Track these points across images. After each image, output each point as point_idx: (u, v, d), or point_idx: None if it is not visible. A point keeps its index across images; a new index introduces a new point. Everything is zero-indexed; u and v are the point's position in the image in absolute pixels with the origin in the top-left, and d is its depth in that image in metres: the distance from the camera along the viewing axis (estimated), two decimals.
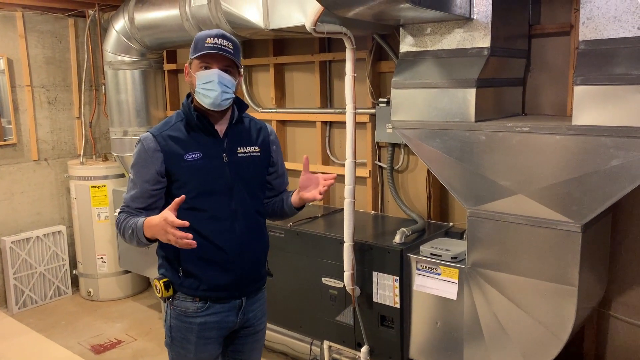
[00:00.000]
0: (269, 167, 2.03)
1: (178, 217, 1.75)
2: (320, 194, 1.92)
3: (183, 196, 1.69)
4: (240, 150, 1.91)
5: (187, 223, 1.64)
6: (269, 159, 2.02)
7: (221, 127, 1.90)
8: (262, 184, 2.02)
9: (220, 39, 1.78)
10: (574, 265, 2.09)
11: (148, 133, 1.86)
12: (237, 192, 1.88)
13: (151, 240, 1.77)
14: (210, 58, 1.79)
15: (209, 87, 1.78)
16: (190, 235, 1.64)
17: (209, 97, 1.79)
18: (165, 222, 1.64)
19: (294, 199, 2.02)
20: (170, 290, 1.89)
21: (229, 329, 1.95)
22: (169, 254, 1.90)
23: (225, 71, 1.81)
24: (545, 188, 2.11)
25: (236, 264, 1.91)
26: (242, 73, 1.90)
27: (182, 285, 1.88)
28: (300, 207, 2.06)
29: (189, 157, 1.82)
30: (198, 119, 1.84)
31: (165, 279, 1.89)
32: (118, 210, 1.90)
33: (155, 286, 1.92)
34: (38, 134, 4.42)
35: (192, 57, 1.81)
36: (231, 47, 1.80)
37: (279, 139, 3.68)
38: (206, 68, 1.80)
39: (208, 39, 1.77)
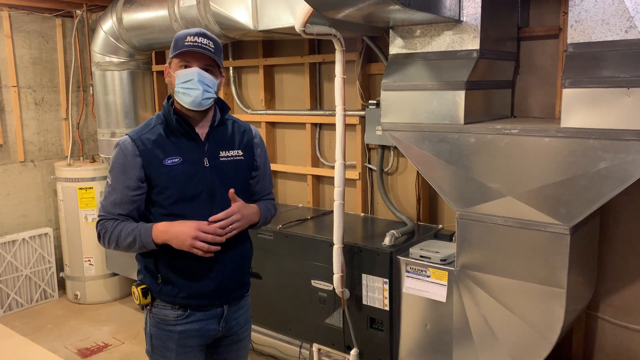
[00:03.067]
0: (252, 171, 1.95)
1: (155, 222, 1.77)
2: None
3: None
4: (222, 154, 1.84)
5: (221, 232, 1.74)
6: (253, 162, 1.94)
7: (202, 130, 1.83)
8: (246, 189, 1.94)
9: (200, 37, 1.72)
10: (563, 268, 2.10)
11: (126, 137, 1.80)
12: (219, 198, 1.81)
13: (158, 246, 1.74)
14: (190, 56, 1.73)
15: (189, 85, 1.72)
16: (218, 247, 1.72)
17: (189, 96, 1.73)
18: (197, 229, 1.68)
19: None
20: (149, 297, 1.83)
21: (210, 337, 1.89)
22: (147, 261, 1.84)
23: (206, 70, 1.75)
24: (533, 190, 2.12)
25: (216, 272, 1.83)
26: (224, 73, 1.84)
27: (161, 292, 1.82)
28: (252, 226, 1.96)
29: (169, 161, 1.76)
30: (177, 122, 1.78)
31: (144, 286, 1.84)
32: (99, 213, 1.83)
33: (134, 293, 1.87)
34: (24, 135, 4.37)
35: (171, 55, 1.76)
36: (212, 46, 1.75)
37: (268, 140, 3.71)
38: (186, 67, 1.74)
39: (188, 37, 1.72)
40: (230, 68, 3.85)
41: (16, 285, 4.27)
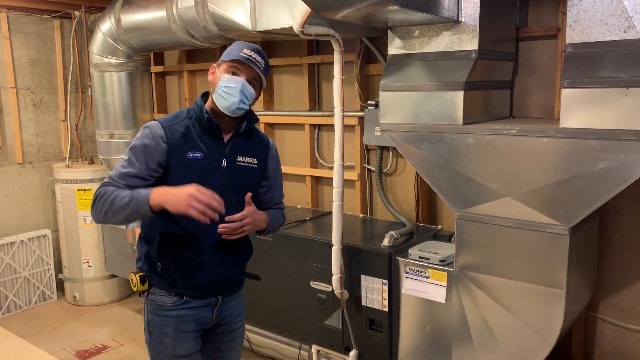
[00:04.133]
0: (263, 180, 2.05)
1: (166, 213, 1.77)
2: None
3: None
4: (239, 158, 1.94)
5: (218, 197, 1.73)
6: (265, 172, 2.04)
7: (227, 134, 1.93)
8: (254, 195, 2.00)
9: (255, 54, 1.85)
10: (562, 268, 2.09)
11: (156, 122, 1.87)
12: (228, 198, 1.87)
13: (152, 212, 1.74)
14: (241, 66, 1.84)
15: (231, 92, 1.82)
16: (221, 201, 1.72)
17: (226, 101, 1.83)
18: (195, 191, 1.68)
19: None
20: (146, 284, 1.91)
21: (205, 324, 1.96)
22: (151, 248, 1.90)
23: (250, 83, 1.86)
24: (533, 191, 2.11)
25: (214, 267, 1.92)
26: (261, 92, 1.97)
27: (159, 280, 1.90)
28: (260, 232, 2.06)
29: (191, 155, 1.84)
30: (208, 121, 1.87)
31: (142, 273, 1.91)
32: (105, 180, 1.84)
33: (132, 279, 1.93)
34: (23, 137, 4.36)
35: (225, 59, 1.85)
36: (263, 65, 1.87)
37: None
38: (233, 73, 1.84)
39: (245, 49, 1.84)
40: None
41: (15, 287, 4.26)
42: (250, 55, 1.83)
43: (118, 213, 1.76)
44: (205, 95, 1.93)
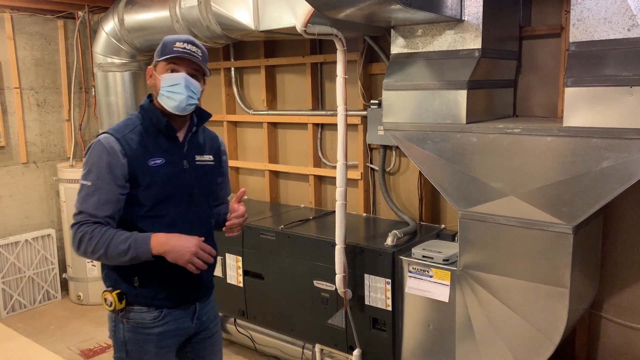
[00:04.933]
0: (218, 177, 2.01)
1: (135, 224, 1.75)
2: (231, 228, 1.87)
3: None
4: (198, 158, 1.89)
5: (215, 252, 1.77)
6: (220, 169, 2.01)
7: (181, 134, 1.86)
8: (214, 192, 2.01)
9: (189, 45, 1.76)
10: (566, 267, 2.09)
11: (108, 135, 1.76)
12: (195, 200, 1.86)
13: (154, 257, 1.70)
14: (178, 61, 1.76)
15: (175, 90, 1.75)
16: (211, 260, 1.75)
17: (173, 101, 1.76)
18: (199, 246, 1.70)
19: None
20: (124, 302, 1.80)
21: (185, 335, 1.91)
22: (123, 266, 1.78)
23: (192, 76, 1.79)
24: (536, 190, 2.11)
25: (194, 275, 1.82)
26: (205, 82, 1.87)
27: (138, 295, 1.81)
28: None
29: (152, 162, 1.77)
30: (166, 125, 1.80)
31: (118, 291, 1.80)
32: (76, 218, 1.73)
33: (106, 299, 1.81)
34: (27, 137, 4.38)
35: (159, 59, 1.77)
36: (200, 54, 1.78)
37: (270, 141, 3.71)
38: (173, 71, 1.77)
39: (177, 43, 1.75)
40: (232, 69, 3.85)
41: (19, 287, 4.27)
42: (185, 48, 1.74)
43: (116, 259, 1.71)
44: (150, 97, 1.85)
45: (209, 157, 1.93)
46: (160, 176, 1.77)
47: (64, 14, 4.42)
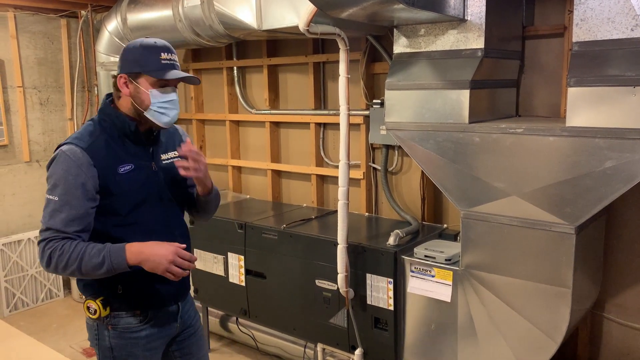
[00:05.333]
0: None
1: (110, 233, 1.71)
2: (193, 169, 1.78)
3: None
4: (163, 157, 1.86)
5: (195, 258, 1.71)
6: (187, 160, 1.94)
7: (145, 135, 1.82)
8: (185, 187, 1.95)
9: (171, 55, 1.72)
10: (568, 267, 2.09)
11: (73, 146, 1.67)
12: (168, 201, 1.84)
13: (130, 267, 1.66)
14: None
15: (169, 105, 1.72)
16: (193, 266, 1.71)
17: (166, 116, 1.73)
18: (174, 254, 1.64)
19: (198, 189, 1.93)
20: (108, 309, 1.77)
21: (170, 336, 1.91)
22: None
23: (175, 86, 1.77)
24: (539, 190, 2.11)
25: None
26: None
27: (123, 301, 1.78)
28: (206, 195, 1.92)
29: (122, 169, 1.72)
30: (136, 131, 1.75)
31: (102, 297, 1.77)
32: (44, 235, 1.66)
33: (89, 307, 1.78)
34: (30, 135, 4.39)
35: (146, 72, 1.69)
36: (177, 62, 1.75)
37: (273, 140, 3.71)
38: (162, 85, 1.71)
39: (162, 54, 1.69)
40: (235, 68, 3.85)
41: (22, 285, 4.29)
42: (170, 59, 1.70)
43: (91, 273, 1.64)
44: (109, 97, 1.79)
45: (173, 154, 1.89)
46: (131, 182, 1.74)
47: (67, 13, 4.43)
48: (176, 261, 1.66)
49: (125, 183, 1.73)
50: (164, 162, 1.86)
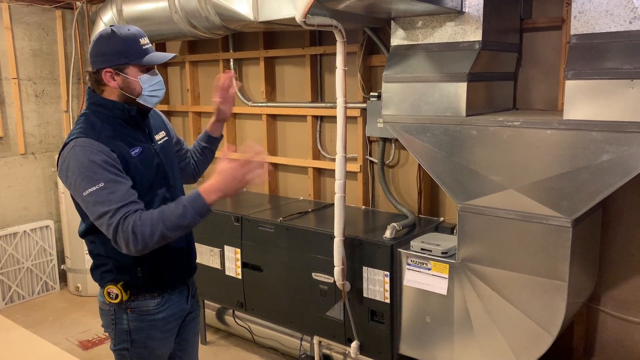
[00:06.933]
0: (174, 145, 2.05)
1: None
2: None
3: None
4: (157, 137, 1.90)
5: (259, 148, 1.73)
6: (173, 138, 2.04)
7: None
8: (178, 166, 2.04)
9: (145, 38, 1.76)
10: (564, 261, 2.09)
11: (84, 138, 1.66)
12: (172, 179, 1.89)
13: (210, 209, 1.65)
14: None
15: (157, 87, 1.79)
16: (263, 157, 1.68)
17: (156, 97, 1.80)
18: (236, 169, 1.62)
19: (212, 128, 2.12)
20: (129, 293, 1.81)
21: (182, 316, 1.97)
22: (123, 259, 1.76)
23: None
24: (536, 183, 2.11)
25: (187, 252, 1.95)
26: None
27: (143, 284, 1.82)
28: (218, 138, 2.15)
29: (134, 153, 1.75)
30: (136, 115, 1.78)
31: (122, 282, 1.79)
32: (115, 219, 1.59)
33: (109, 293, 1.80)
34: (25, 128, 4.36)
35: (132, 62, 1.70)
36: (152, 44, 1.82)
37: (269, 133, 3.70)
38: (148, 70, 1.76)
39: (141, 40, 1.73)
40: (231, 60, 3.83)
41: (18, 278, 4.28)
42: (148, 44, 1.76)
43: (176, 230, 1.63)
44: (92, 91, 1.78)
45: (162, 134, 1.95)
46: (143, 164, 1.78)
47: (62, 4, 4.40)
48: (243, 172, 1.63)
49: (138, 165, 1.76)
50: (159, 142, 1.90)
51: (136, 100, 1.76)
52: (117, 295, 1.80)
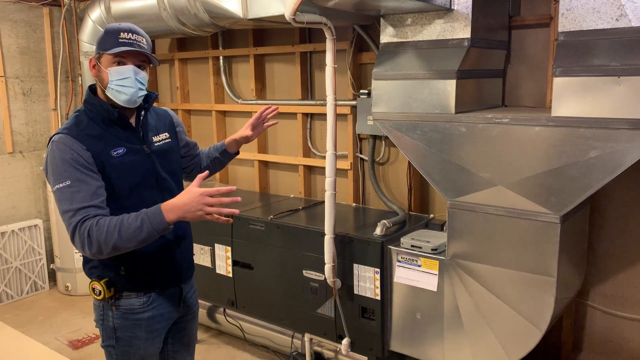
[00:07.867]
0: (181, 148, 2.04)
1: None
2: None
3: (204, 174, 1.69)
4: (155, 139, 1.88)
5: (233, 188, 1.68)
6: (177, 142, 2.01)
7: (132, 120, 1.84)
8: (181, 168, 2.03)
9: (134, 34, 1.72)
10: (553, 256, 2.11)
11: (62, 135, 1.68)
12: (164, 182, 1.86)
13: (169, 226, 1.64)
14: (126, 53, 1.72)
15: (125, 83, 1.72)
16: (238, 199, 1.63)
17: (124, 94, 1.73)
18: (202, 194, 1.58)
19: (231, 144, 2.19)
20: (112, 290, 1.80)
21: (172, 319, 1.94)
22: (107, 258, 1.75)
23: (139, 67, 1.75)
24: (524, 179, 2.12)
25: (176, 254, 1.90)
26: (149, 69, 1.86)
27: (126, 282, 1.81)
28: (234, 153, 2.22)
29: (115, 153, 1.74)
30: (118, 116, 1.76)
31: (106, 279, 1.79)
32: (75, 220, 1.61)
33: (94, 289, 1.80)
34: (12, 126, 4.32)
35: (106, 52, 1.70)
36: (145, 43, 1.75)
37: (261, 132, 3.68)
38: (119, 63, 1.72)
39: (121, 33, 1.70)
40: (221, 57, 3.82)
41: (6, 277, 4.24)
42: (130, 38, 1.70)
43: (131, 240, 1.62)
44: (92, 88, 1.81)
45: (164, 135, 1.92)
46: (125, 165, 1.75)
47: (49, 1, 4.35)
48: (206, 201, 1.60)
49: (119, 166, 1.74)
50: (156, 144, 1.88)
51: (106, 94, 1.75)
52: (100, 292, 1.79)
